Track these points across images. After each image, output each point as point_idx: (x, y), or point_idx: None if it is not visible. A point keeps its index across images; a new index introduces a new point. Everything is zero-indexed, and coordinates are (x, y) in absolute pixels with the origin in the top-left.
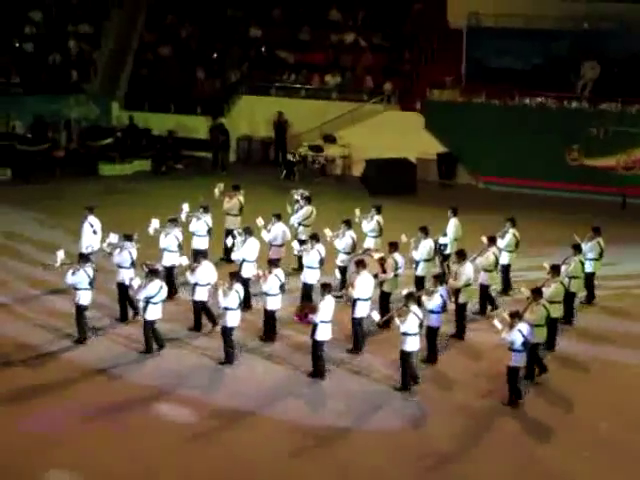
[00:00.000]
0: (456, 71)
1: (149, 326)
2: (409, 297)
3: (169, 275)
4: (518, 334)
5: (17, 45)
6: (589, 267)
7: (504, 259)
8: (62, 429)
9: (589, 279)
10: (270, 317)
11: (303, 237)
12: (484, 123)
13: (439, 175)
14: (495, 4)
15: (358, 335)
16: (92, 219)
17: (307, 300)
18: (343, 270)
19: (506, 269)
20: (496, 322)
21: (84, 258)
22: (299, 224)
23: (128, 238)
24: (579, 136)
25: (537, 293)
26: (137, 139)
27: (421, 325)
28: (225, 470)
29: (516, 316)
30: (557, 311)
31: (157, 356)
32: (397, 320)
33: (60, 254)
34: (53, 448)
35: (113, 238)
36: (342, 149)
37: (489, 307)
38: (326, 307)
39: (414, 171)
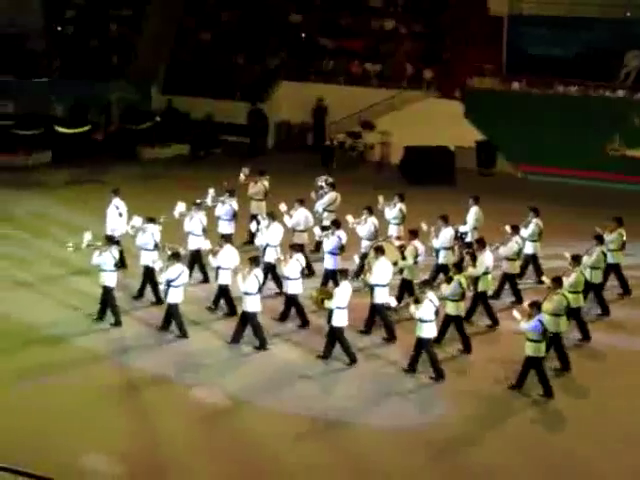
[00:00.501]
0: (496, 59)
1: (173, 309)
2: (425, 284)
3: (195, 259)
4: (538, 324)
5: (58, 29)
6: (611, 258)
7: (528, 249)
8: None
9: (615, 270)
10: (291, 301)
11: (327, 223)
12: (524, 111)
13: (478, 164)
14: None
15: (384, 322)
16: (117, 201)
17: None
18: (363, 256)
19: (531, 258)
20: (515, 312)
21: (110, 240)
22: (323, 210)
23: (151, 220)
24: (620, 126)
25: (556, 282)
26: (176, 123)
27: (437, 312)
28: (238, 449)
29: (535, 306)
30: (577, 301)
31: (180, 339)
32: (412, 307)
33: (87, 235)
34: (73, 425)
35: (136, 221)
36: (381, 136)
37: (513, 298)
38: (342, 293)
39: (453, 159)
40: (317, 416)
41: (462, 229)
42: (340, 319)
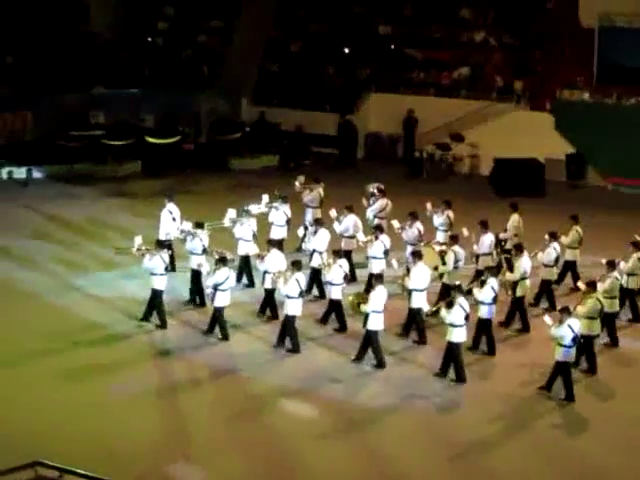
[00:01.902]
0: (587, 71)
1: (219, 313)
2: (456, 289)
3: (245, 264)
4: (567, 329)
5: (149, 40)
6: None
7: (568, 255)
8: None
9: None
10: (333, 306)
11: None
12: (615, 124)
13: (567, 176)
14: (628, 3)
15: (418, 326)
16: (171, 206)
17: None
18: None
19: (570, 265)
20: (546, 317)
21: (160, 244)
22: (374, 216)
23: (199, 226)
24: None
25: (590, 286)
26: (266, 134)
27: (467, 317)
28: (263, 447)
29: (565, 311)
30: (612, 306)
31: (221, 342)
32: (444, 311)
33: (137, 239)
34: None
35: (186, 226)
36: (470, 148)
37: (547, 304)
38: (377, 297)
39: (543, 172)
40: (342, 418)
41: (502, 236)
42: (375, 323)
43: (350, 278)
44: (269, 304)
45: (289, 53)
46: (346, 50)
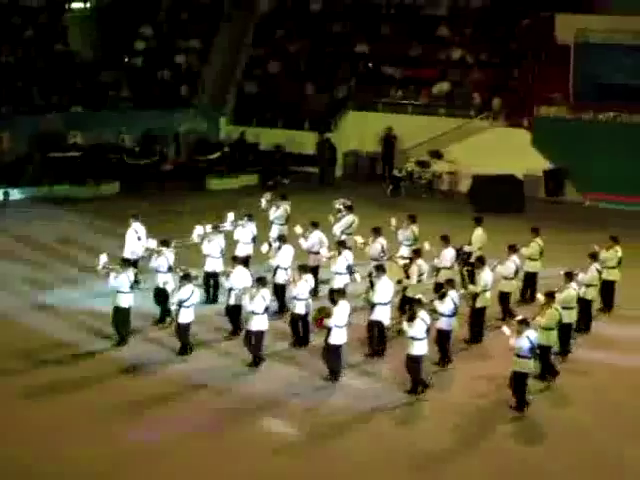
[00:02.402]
0: (564, 87)
1: (183, 329)
2: (417, 303)
3: (212, 280)
4: (525, 340)
5: (127, 60)
6: (607, 275)
7: (528, 267)
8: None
9: (608, 287)
10: (296, 321)
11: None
12: (593, 140)
13: (546, 192)
14: (604, 20)
15: (373, 339)
16: (137, 226)
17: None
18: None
19: (531, 277)
20: (505, 328)
21: (126, 262)
22: (341, 233)
23: (165, 244)
24: None
25: (549, 297)
26: (245, 154)
27: (428, 330)
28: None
29: (524, 322)
30: (570, 317)
31: (189, 357)
32: (405, 325)
33: (103, 257)
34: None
35: (151, 244)
36: (449, 165)
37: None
38: (340, 312)
39: (521, 188)
40: (303, 431)
41: (466, 249)
42: (337, 337)
43: (314, 294)
44: (232, 320)
45: (268, 72)
46: (324, 69)
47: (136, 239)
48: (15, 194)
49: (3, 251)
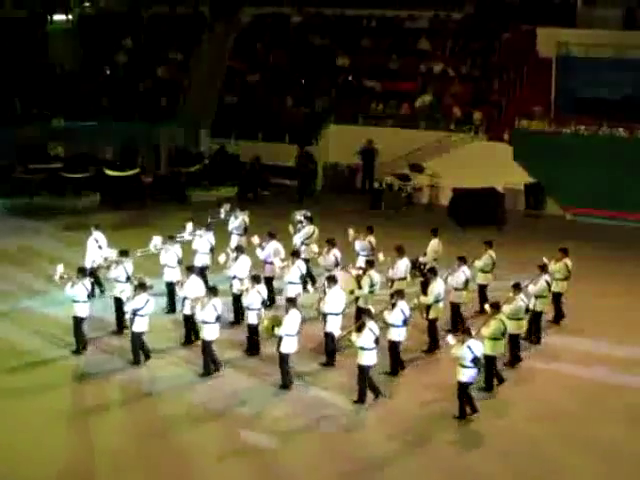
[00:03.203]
0: (545, 101)
1: (136, 338)
2: (365, 313)
3: (170, 290)
4: (467, 350)
5: (108, 72)
6: (556, 287)
7: (479, 279)
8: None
9: (556, 298)
10: (252, 331)
11: (304, 255)
12: (573, 153)
13: (526, 205)
14: (585, 34)
15: (329, 349)
16: (98, 234)
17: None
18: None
19: (482, 289)
20: (449, 338)
21: (82, 272)
22: (302, 243)
23: (124, 254)
24: None
25: (494, 308)
26: (225, 166)
27: (377, 340)
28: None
29: (466, 332)
30: (518, 327)
31: (144, 365)
32: (354, 335)
33: (59, 267)
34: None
35: (110, 253)
36: (429, 178)
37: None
38: (291, 321)
39: (502, 201)
40: (249, 439)
41: (422, 260)
42: (288, 346)
43: (268, 304)
44: (187, 328)
45: (248, 84)
46: (303, 81)
47: (97, 248)
48: None
49: None
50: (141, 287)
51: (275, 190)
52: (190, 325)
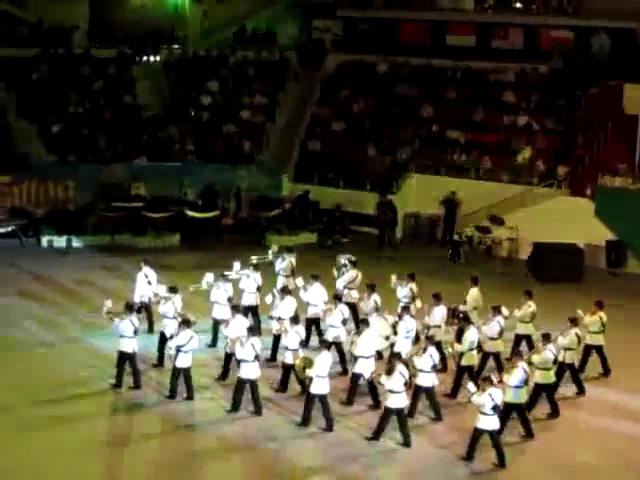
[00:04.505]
0: (630, 158)
1: (177, 373)
2: (395, 356)
3: (215, 326)
4: (488, 398)
5: (193, 114)
6: (590, 340)
7: (519, 329)
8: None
9: (597, 351)
10: (286, 370)
11: (348, 300)
12: None
13: (607, 263)
14: None
15: (352, 390)
16: (147, 270)
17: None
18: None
19: (520, 338)
20: (470, 385)
21: (130, 308)
22: (344, 287)
23: (173, 290)
24: None
25: (516, 355)
26: (305, 212)
27: (406, 384)
28: None
29: (487, 380)
30: (546, 377)
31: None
32: (383, 377)
33: (108, 303)
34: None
35: (160, 290)
36: (509, 231)
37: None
38: (322, 362)
39: (582, 257)
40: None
41: (461, 308)
42: (319, 387)
43: (305, 344)
44: (225, 366)
45: (331, 131)
46: (387, 130)
47: (146, 283)
48: (77, 242)
49: (39, 295)
50: (185, 324)
51: (355, 238)
52: (229, 363)
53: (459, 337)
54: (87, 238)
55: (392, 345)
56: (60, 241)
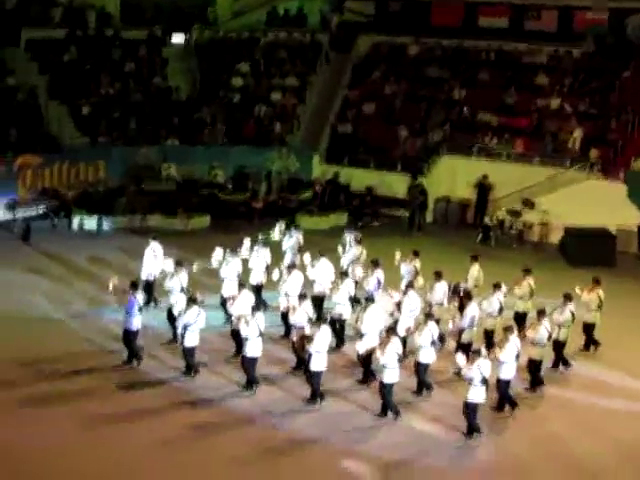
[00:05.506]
0: None
1: (188, 352)
2: (389, 331)
3: (225, 303)
4: (477, 371)
5: (224, 96)
6: (588, 317)
7: (519, 307)
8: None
9: (587, 328)
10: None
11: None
12: None
13: (639, 248)
14: None
15: (366, 367)
16: (155, 245)
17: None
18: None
19: (520, 316)
20: (459, 357)
21: (135, 285)
22: (349, 264)
23: (179, 264)
24: None
25: (507, 330)
26: (336, 194)
27: (400, 359)
28: None
29: (477, 353)
30: (539, 354)
31: (189, 379)
32: (378, 353)
33: (114, 280)
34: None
35: (167, 264)
36: (541, 215)
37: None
38: (321, 338)
39: (614, 242)
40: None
41: (462, 286)
42: (318, 363)
43: (314, 321)
44: (236, 343)
45: (362, 114)
46: (419, 112)
47: (153, 258)
48: (108, 223)
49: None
50: (192, 301)
51: (385, 220)
52: (240, 339)
53: (460, 314)
54: (118, 219)
55: (396, 322)
56: (91, 223)
